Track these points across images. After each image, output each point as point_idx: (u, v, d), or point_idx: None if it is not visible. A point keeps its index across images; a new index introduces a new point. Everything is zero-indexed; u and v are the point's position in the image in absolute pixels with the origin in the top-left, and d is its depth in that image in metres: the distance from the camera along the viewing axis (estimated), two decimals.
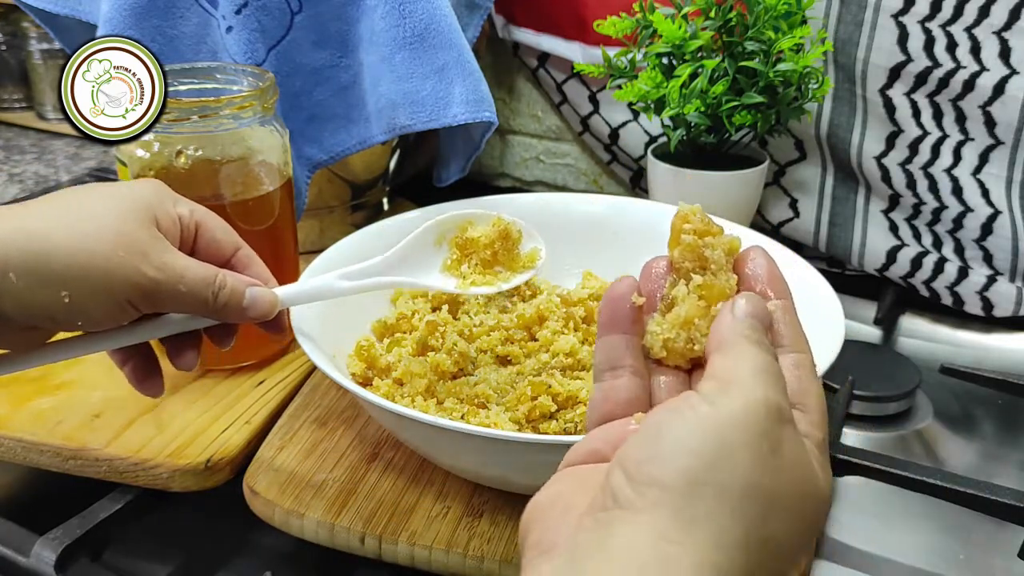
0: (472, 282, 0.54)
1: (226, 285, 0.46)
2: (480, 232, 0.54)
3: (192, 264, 0.45)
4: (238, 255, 0.50)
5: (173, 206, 0.46)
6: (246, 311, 0.48)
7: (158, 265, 0.44)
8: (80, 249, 0.42)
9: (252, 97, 0.58)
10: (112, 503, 0.53)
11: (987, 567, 0.53)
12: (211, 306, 0.46)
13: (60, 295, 0.42)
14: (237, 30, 0.69)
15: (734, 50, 0.72)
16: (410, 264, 0.54)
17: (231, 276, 0.47)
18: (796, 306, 0.58)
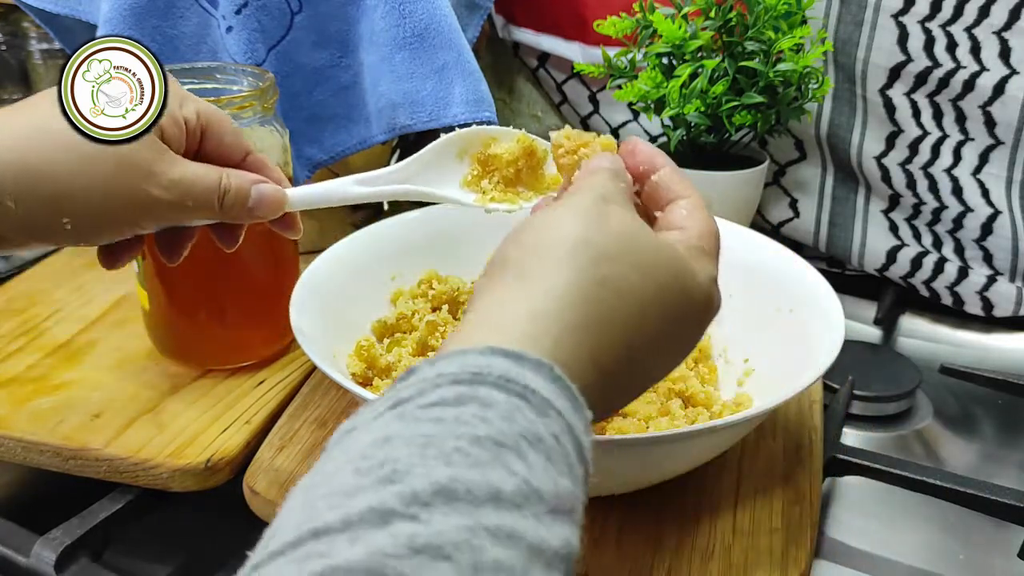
0: (492, 198, 0.51)
1: (231, 188, 0.45)
2: (504, 149, 0.51)
3: (199, 175, 0.44)
4: (249, 159, 0.48)
5: (179, 108, 0.44)
6: (252, 211, 0.46)
7: (165, 184, 0.42)
8: (79, 173, 0.41)
9: (252, 97, 0.58)
10: (112, 503, 0.53)
11: (987, 567, 0.53)
12: (218, 212, 0.45)
13: (61, 221, 0.41)
14: (237, 30, 0.69)
15: (734, 50, 0.72)
16: (428, 176, 0.52)
17: (236, 176, 0.45)
18: (796, 305, 0.58)
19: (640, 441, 0.45)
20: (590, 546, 0.48)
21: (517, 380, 0.28)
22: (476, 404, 0.27)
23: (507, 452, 0.26)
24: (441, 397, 0.28)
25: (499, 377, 0.28)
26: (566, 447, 0.28)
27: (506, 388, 0.28)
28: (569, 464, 0.28)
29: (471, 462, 0.25)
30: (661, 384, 0.55)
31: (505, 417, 0.27)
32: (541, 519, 0.25)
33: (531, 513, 0.25)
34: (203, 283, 0.62)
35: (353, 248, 0.62)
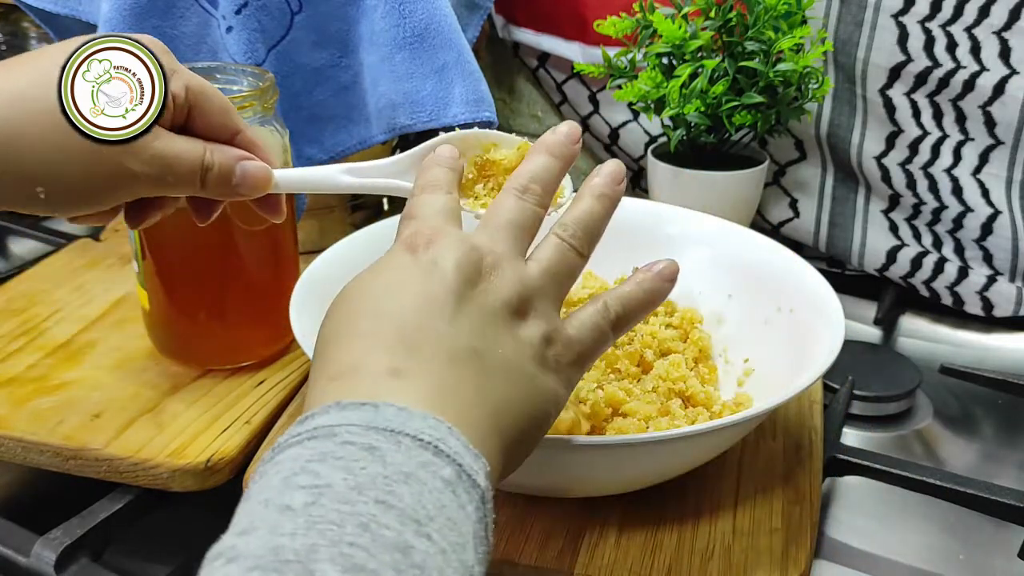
0: (483, 204, 0.50)
1: (214, 165, 0.44)
2: (503, 155, 0.50)
3: (182, 150, 0.43)
4: (238, 138, 0.46)
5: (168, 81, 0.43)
6: (236, 188, 0.45)
7: (145, 159, 0.42)
8: (57, 144, 0.40)
9: (252, 97, 0.58)
10: (112, 503, 0.53)
11: (987, 567, 0.53)
12: (198, 188, 0.44)
13: (35, 189, 0.41)
14: (237, 30, 0.69)
15: (734, 50, 0.72)
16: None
17: (220, 153, 0.44)
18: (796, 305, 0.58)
19: (640, 441, 0.45)
20: (590, 546, 0.48)
21: (305, 431, 0.31)
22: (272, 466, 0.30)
23: (295, 478, 0.28)
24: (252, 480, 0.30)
25: (290, 439, 0.31)
26: (359, 442, 0.29)
27: (295, 443, 0.30)
28: (369, 447, 0.29)
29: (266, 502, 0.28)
30: (661, 384, 0.55)
31: (293, 459, 0.29)
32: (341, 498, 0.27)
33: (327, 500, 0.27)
34: (203, 283, 0.62)
35: (353, 248, 0.62)
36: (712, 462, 0.51)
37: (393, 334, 0.34)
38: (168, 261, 0.61)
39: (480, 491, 0.31)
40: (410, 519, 0.27)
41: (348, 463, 0.28)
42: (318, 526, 0.26)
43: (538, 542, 0.48)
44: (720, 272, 0.64)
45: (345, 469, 0.28)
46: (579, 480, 0.48)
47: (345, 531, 0.26)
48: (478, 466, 0.31)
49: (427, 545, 0.27)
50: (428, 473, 0.29)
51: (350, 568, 0.25)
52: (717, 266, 0.64)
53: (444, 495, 0.29)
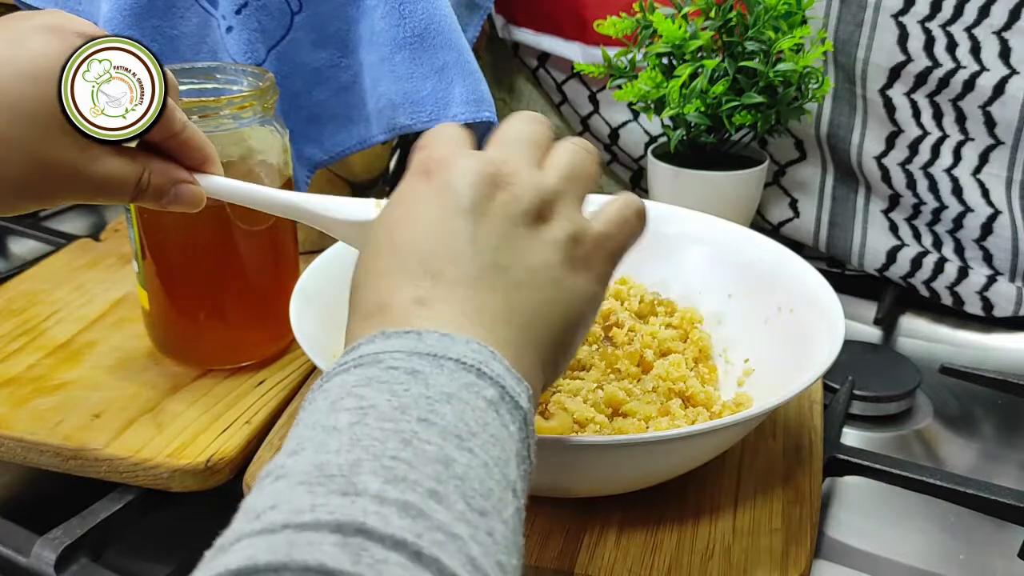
0: None
1: (149, 187, 0.44)
2: None
3: (120, 173, 0.43)
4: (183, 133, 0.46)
5: None
6: (166, 206, 0.46)
7: (81, 182, 0.42)
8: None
9: (252, 97, 0.58)
10: (112, 503, 0.53)
11: (987, 567, 0.53)
12: (130, 199, 0.45)
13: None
14: (237, 30, 0.69)
15: (734, 50, 0.72)
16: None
17: (158, 174, 0.45)
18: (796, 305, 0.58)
19: (640, 441, 0.45)
20: (590, 546, 0.48)
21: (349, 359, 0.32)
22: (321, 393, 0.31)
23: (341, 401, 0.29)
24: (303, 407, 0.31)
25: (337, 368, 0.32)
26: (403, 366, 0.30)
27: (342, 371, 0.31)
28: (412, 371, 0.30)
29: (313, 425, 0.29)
30: (661, 384, 0.55)
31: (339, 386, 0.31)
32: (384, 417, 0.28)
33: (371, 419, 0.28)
34: (203, 283, 0.62)
35: (353, 248, 0.62)
36: (712, 462, 0.51)
37: (415, 264, 0.35)
38: (168, 261, 0.61)
39: (523, 413, 0.32)
40: (452, 435, 0.28)
41: (392, 386, 0.29)
42: (361, 443, 0.27)
43: (538, 542, 0.48)
44: (720, 272, 0.64)
45: (389, 391, 0.29)
46: (579, 480, 0.48)
47: (387, 446, 0.27)
48: (520, 388, 0.32)
49: (469, 458, 0.28)
50: (471, 393, 0.30)
51: (391, 479, 0.26)
52: (717, 266, 0.64)
53: (487, 414, 0.30)
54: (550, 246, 0.36)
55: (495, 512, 0.27)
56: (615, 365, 0.57)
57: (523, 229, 0.36)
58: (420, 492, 0.26)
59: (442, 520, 0.25)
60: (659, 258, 0.65)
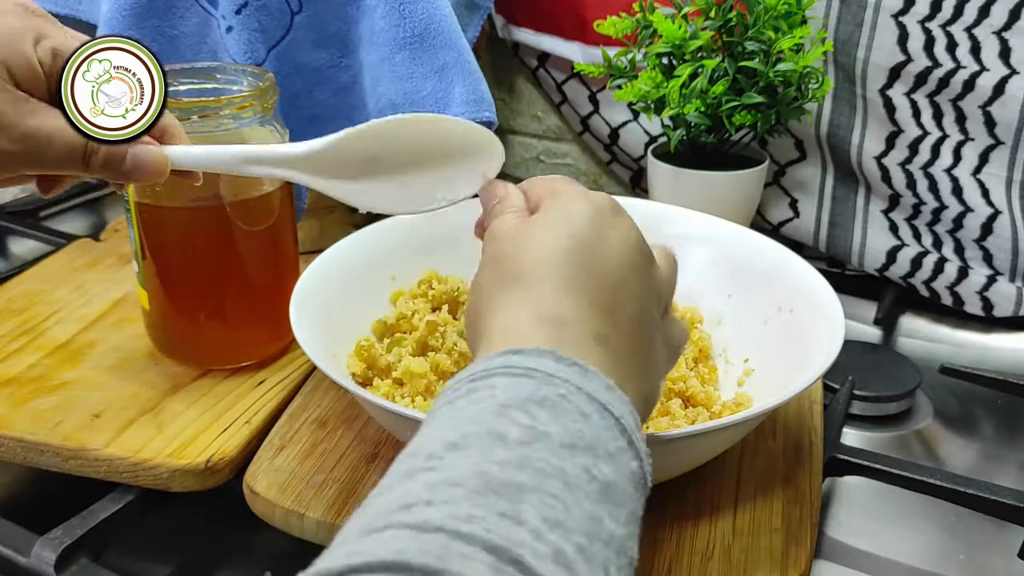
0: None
1: (98, 152, 0.42)
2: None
3: (59, 128, 0.41)
4: None
5: (33, 47, 0.41)
6: (130, 175, 0.43)
7: (16, 137, 0.40)
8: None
9: (252, 97, 0.58)
10: (112, 503, 0.53)
11: (987, 567, 0.53)
12: (84, 169, 0.42)
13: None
14: (237, 30, 0.69)
15: (734, 50, 0.72)
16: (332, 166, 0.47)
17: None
18: (796, 305, 0.58)
19: None
20: None
21: (519, 365, 0.31)
22: (486, 389, 0.30)
23: (512, 411, 0.29)
24: (458, 393, 0.31)
25: (504, 367, 0.31)
26: (574, 401, 0.30)
27: (511, 373, 0.31)
28: (583, 413, 0.30)
29: (480, 423, 0.28)
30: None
31: (510, 389, 0.30)
32: (553, 451, 0.28)
33: (541, 446, 0.28)
34: (203, 283, 0.62)
35: (353, 248, 0.62)
36: (712, 462, 0.51)
37: (606, 300, 0.36)
38: (168, 261, 0.61)
39: (647, 492, 0.32)
40: (606, 499, 0.28)
41: (564, 420, 0.29)
42: (529, 468, 0.27)
43: None
44: (720, 272, 0.64)
45: (562, 424, 0.29)
46: None
47: (553, 483, 0.27)
48: (648, 465, 0.33)
49: (614, 527, 0.28)
50: (624, 460, 0.30)
51: (549, 520, 0.26)
52: (717, 266, 0.64)
53: (629, 487, 0.30)
54: (666, 340, 0.41)
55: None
56: None
57: (661, 316, 0.40)
58: (572, 544, 0.25)
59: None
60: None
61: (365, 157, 0.46)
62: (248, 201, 0.60)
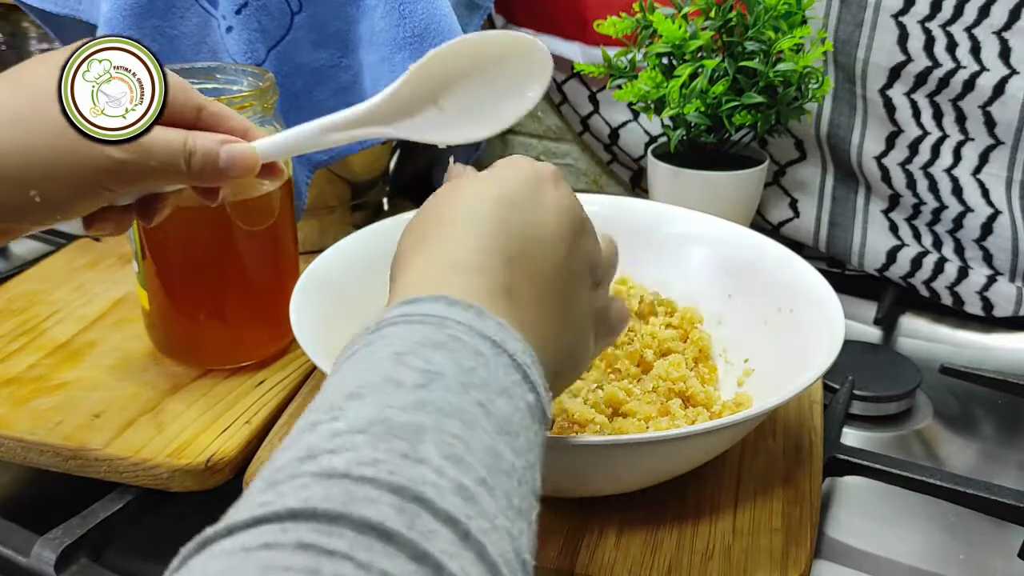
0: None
1: (197, 150, 0.44)
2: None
3: (157, 134, 0.43)
4: (204, 114, 0.46)
5: None
6: (225, 172, 0.45)
7: (125, 146, 0.42)
8: (38, 146, 0.41)
9: (252, 97, 0.58)
10: (112, 503, 0.53)
11: (987, 567, 0.53)
12: (186, 174, 0.44)
13: (29, 195, 0.41)
14: (237, 30, 0.69)
15: (734, 50, 0.72)
16: (405, 115, 0.48)
17: (201, 138, 0.45)
18: (796, 305, 0.58)
19: (640, 441, 0.45)
20: (590, 546, 0.48)
21: (414, 312, 0.32)
22: (381, 340, 0.31)
23: (407, 356, 0.30)
24: (357, 347, 0.32)
25: (400, 316, 0.32)
26: (467, 342, 0.31)
27: (406, 321, 0.32)
28: (476, 352, 0.31)
29: (376, 371, 0.29)
30: (661, 384, 0.55)
31: (404, 337, 0.31)
32: (449, 389, 0.29)
33: (437, 387, 0.29)
34: (203, 283, 0.62)
35: (353, 248, 0.62)
36: (712, 462, 0.51)
37: (515, 251, 0.37)
38: (168, 261, 0.61)
39: (547, 422, 0.33)
40: (503, 430, 0.29)
41: (458, 359, 0.30)
42: (427, 409, 0.28)
43: (538, 542, 0.48)
44: (720, 272, 0.64)
45: (456, 364, 0.30)
46: (579, 480, 0.48)
47: (450, 422, 0.28)
48: (547, 402, 0.34)
49: (514, 458, 0.29)
50: (518, 394, 0.31)
51: (450, 457, 0.26)
52: (717, 266, 0.64)
53: (526, 418, 0.31)
54: (594, 308, 0.42)
55: (527, 513, 0.28)
56: (615, 365, 0.57)
57: (587, 282, 0.41)
58: (472, 477, 0.26)
59: (488, 509, 0.26)
60: (659, 258, 0.65)
61: (431, 90, 0.47)
62: (248, 201, 0.60)
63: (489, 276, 0.35)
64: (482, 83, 0.47)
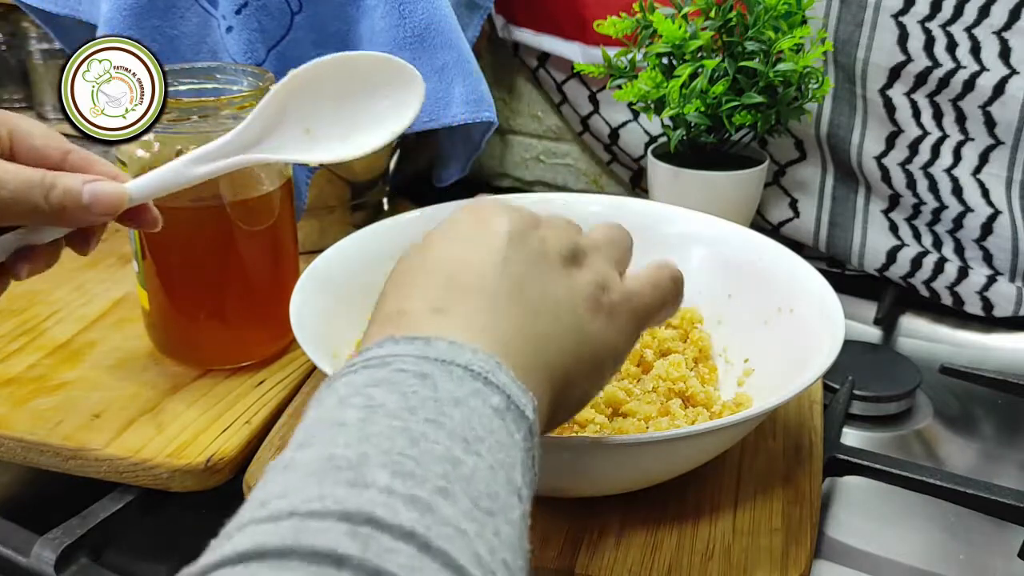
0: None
1: (56, 185, 0.42)
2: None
3: (11, 167, 0.42)
4: (70, 159, 0.45)
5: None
6: (89, 209, 0.44)
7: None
8: None
9: (252, 97, 0.58)
10: (112, 503, 0.53)
11: (987, 567, 0.53)
12: (46, 211, 0.43)
13: None
14: (237, 30, 0.69)
15: (734, 50, 0.72)
16: (271, 137, 0.48)
17: (63, 175, 0.43)
18: (796, 305, 0.58)
19: (640, 441, 0.45)
20: (590, 546, 0.48)
21: (359, 360, 0.32)
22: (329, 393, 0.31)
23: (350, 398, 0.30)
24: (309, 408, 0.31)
25: (346, 368, 0.32)
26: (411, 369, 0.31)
27: (350, 371, 0.32)
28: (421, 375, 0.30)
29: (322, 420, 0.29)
30: (661, 384, 0.55)
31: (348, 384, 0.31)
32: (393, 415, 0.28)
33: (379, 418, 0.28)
34: (203, 283, 0.62)
35: (353, 248, 0.62)
36: (712, 462, 0.51)
37: (442, 278, 0.35)
38: (168, 261, 0.61)
39: (528, 423, 0.32)
40: (459, 437, 0.28)
41: (401, 387, 0.30)
42: (370, 439, 0.27)
43: (538, 542, 0.48)
44: (720, 272, 0.64)
45: (398, 392, 0.29)
46: (579, 480, 0.48)
47: (395, 443, 0.27)
48: (526, 399, 0.32)
49: (475, 460, 0.28)
50: (478, 400, 0.30)
51: (399, 473, 0.26)
52: (717, 266, 0.64)
53: (493, 420, 0.30)
54: (576, 285, 0.38)
55: (501, 513, 0.27)
56: None
57: (553, 265, 0.37)
58: (428, 488, 0.26)
59: (449, 515, 0.25)
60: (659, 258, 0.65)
61: (297, 111, 0.47)
62: (248, 201, 0.60)
63: (417, 307, 0.35)
64: (350, 103, 0.47)
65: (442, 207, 0.67)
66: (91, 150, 0.45)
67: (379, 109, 0.48)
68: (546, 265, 0.37)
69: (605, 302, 0.38)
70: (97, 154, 0.45)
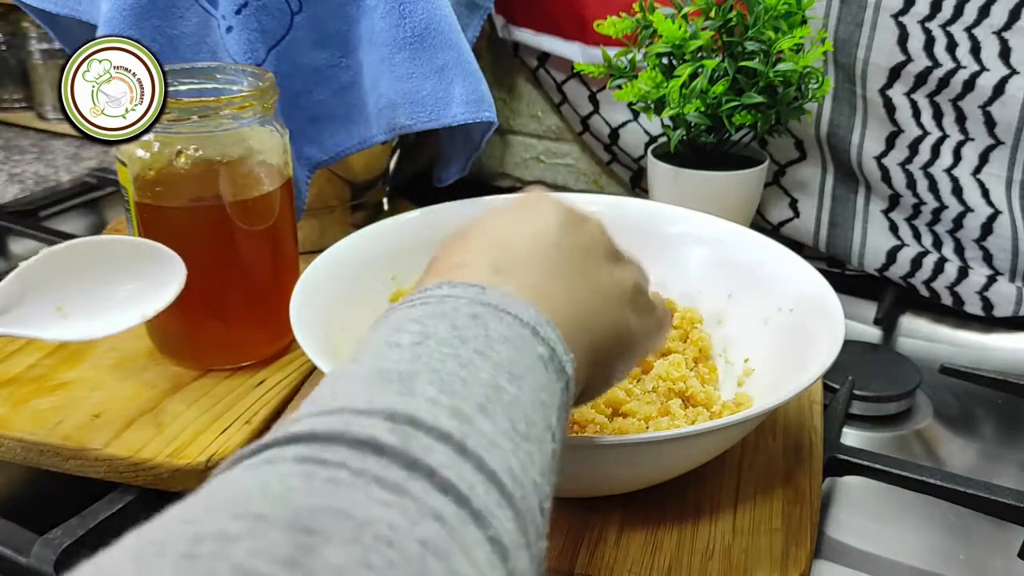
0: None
1: None
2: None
3: None
4: None
5: None
6: None
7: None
8: None
9: (252, 97, 0.58)
10: (112, 503, 0.53)
11: (987, 567, 0.53)
12: None
13: None
14: (237, 30, 0.69)
15: (734, 50, 0.72)
16: (19, 311, 0.48)
17: None
18: (796, 305, 0.58)
19: (640, 441, 0.45)
20: (590, 546, 0.48)
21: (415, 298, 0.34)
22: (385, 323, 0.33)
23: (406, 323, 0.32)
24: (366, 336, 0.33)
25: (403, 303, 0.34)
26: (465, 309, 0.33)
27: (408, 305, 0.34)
28: (473, 315, 0.32)
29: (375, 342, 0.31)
30: (661, 384, 0.55)
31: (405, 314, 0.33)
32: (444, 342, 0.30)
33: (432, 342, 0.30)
34: (203, 283, 0.62)
35: (353, 248, 0.62)
36: (712, 462, 0.51)
37: (499, 248, 0.38)
38: None
39: (567, 378, 0.34)
40: (504, 370, 0.30)
41: (454, 321, 0.32)
42: (421, 359, 0.29)
43: None
44: (720, 272, 0.64)
45: (451, 324, 0.31)
46: (578, 480, 0.48)
47: (445, 365, 0.29)
48: (567, 358, 0.34)
49: (517, 391, 0.30)
50: (525, 344, 0.32)
51: (445, 390, 0.28)
52: (717, 266, 0.64)
53: (537, 364, 0.32)
54: (618, 279, 0.41)
55: (536, 440, 0.29)
56: None
57: (598, 257, 0.40)
58: (471, 405, 0.28)
59: (487, 429, 0.27)
60: (659, 258, 0.65)
61: (49, 287, 0.47)
62: (248, 201, 0.60)
63: (478, 261, 0.37)
64: (104, 285, 0.48)
65: (443, 207, 0.67)
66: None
67: (135, 290, 0.49)
68: (593, 255, 0.40)
69: (641, 304, 0.42)
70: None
